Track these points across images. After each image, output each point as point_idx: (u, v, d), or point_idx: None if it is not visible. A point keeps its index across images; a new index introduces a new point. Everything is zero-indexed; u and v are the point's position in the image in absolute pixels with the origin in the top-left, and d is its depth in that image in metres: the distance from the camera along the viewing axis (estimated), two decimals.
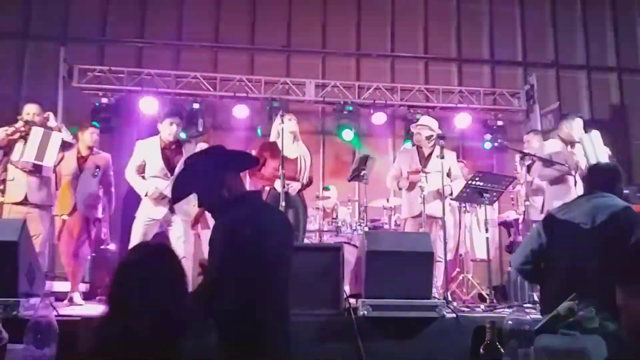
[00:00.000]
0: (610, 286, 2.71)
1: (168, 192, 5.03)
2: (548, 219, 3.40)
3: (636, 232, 2.99)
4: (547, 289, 3.28)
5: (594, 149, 5.17)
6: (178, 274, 1.95)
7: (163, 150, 5.11)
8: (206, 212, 6.08)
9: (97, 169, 5.62)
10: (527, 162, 5.67)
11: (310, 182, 5.56)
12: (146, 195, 4.98)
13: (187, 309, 1.97)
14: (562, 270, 3.13)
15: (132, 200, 5.39)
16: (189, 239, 5.20)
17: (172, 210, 5.06)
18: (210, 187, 2.62)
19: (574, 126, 5.45)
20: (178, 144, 5.19)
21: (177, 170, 5.00)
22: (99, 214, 5.75)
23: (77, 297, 5.38)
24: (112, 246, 6.59)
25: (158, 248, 2.02)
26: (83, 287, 6.56)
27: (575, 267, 3.06)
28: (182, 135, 6.05)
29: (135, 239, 4.94)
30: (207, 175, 2.63)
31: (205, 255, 6.17)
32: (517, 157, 5.83)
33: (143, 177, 5.12)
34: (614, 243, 2.99)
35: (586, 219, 3.12)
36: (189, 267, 5.11)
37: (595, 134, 5.27)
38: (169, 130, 5.09)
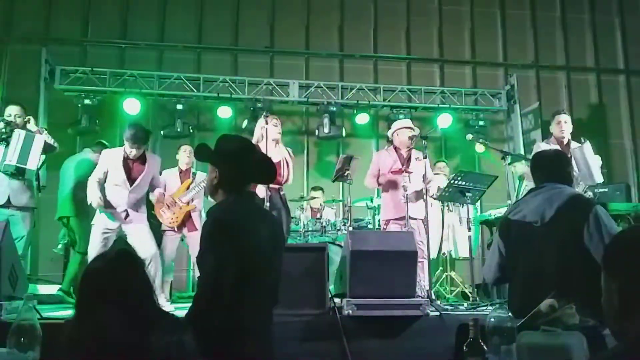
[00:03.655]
0: (570, 283, 2.74)
1: (125, 204, 5.11)
2: (503, 222, 3.28)
3: (590, 223, 2.85)
4: (511, 290, 3.21)
5: (587, 163, 5.18)
6: (140, 279, 2.02)
7: (125, 160, 5.18)
8: (192, 216, 6.11)
9: None
10: None
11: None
12: (90, 204, 5.07)
13: (153, 307, 2.03)
14: (521, 272, 3.05)
15: None
16: (150, 240, 5.23)
17: (128, 220, 5.12)
18: (233, 171, 2.63)
19: (553, 123, 5.53)
20: (142, 156, 5.27)
21: (138, 181, 5.15)
22: None
23: None
24: None
25: (119, 254, 2.08)
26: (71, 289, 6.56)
27: (533, 267, 2.97)
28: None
29: (93, 248, 4.98)
30: (239, 160, 2.65)
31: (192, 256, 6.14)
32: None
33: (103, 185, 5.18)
34: (567, 238, 2.88)
35: (535, 216, 3.00)
36: (157, 268, 5.18)
37: (587, 147, 5.28)
38: (128, 148, 5.17)
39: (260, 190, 5.00)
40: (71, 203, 6.06)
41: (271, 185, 5.13)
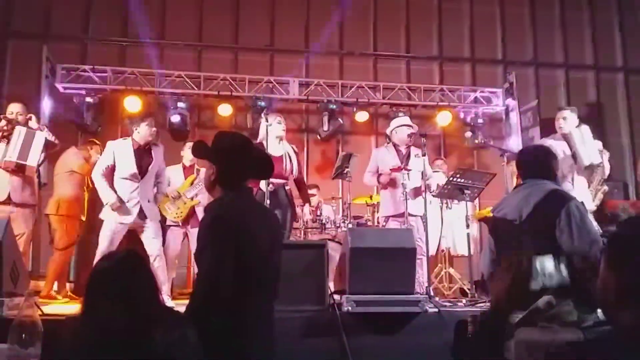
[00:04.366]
0: None
1: (137, 196, 5.11)
2: (490, 220, 3.34)
3: (561, 218, 2.85)
4: None
5: (584, 143, 5.18)
6: (147, 277, 2.07)
7: (136, 151, 5.18)
8: (197, 211, 6.14)
9: None
10: None
11: (302, 180, 5.55)
12: (107, 204, 5.04)
13: (157, 305, 2.07)
14: None
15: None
16: (159, 238, 5.31)
17: (142, 215, 5.12)
18: (230, 167, 2.64)
19: (559, 118, 5.49)
20: (149, 147, 5.28)
21: (148, 172, 5.17)
22: None
23: None
24: None
25: (128, 254, 2.12)
26: (67, 286, 6.57)
27: None
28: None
29: (103, 242, 4.99)
30: (236, 156, 2.66)
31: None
32: None
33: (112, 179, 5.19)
34: (542, 235, 2.88)
35: (515, 214, 3.01)
36: (163, 265, 5.23)
37: (585, 129, 5.29)
38: (149, 131, 5.20)
39: (263, 186, 5.02)
40: (51, 201, 6.06)
41: (275, 181, 5.14)
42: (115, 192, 5.08)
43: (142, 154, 5.23)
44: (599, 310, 2.29)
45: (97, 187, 5.17)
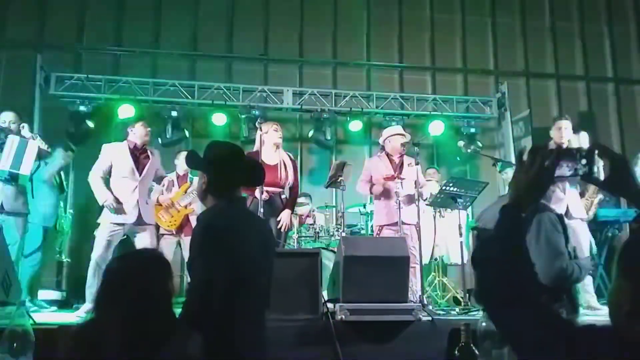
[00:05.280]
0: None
1: (136, 196, 5.11)
2: (474, 230, 3.39)
3: (532, 227, 2.92)
4: None
5: None
6: (168, 285, 2.01)
7: (133, 151, 5.26)
8: (190, 219, 6.14)
9: None
10: None
11: (294, 190, 5.53)
12: (103, 203, 5.06)
13: (169, 320, 2.02)
14: None
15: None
16: (155, 243, 5.41)
17: (139, 219, 5.12)
18: (220, 176, 2.66)
19: (554, 128, 5.54)
20: (145, 148, 5.36)
21: (145, 170, 5.23)
22: None
23: None
24: None
25: (151, 256, 2.07)
26: (58, 295, 6.54)
27: None
28: None
29: (99, 246, 4.96)
30: (226, 165, 2.69)
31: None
32: None
33: (108, 180, 5.20)
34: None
35: (491, 223, 2.97)
36: None
37: (584, 136, 5.31)
38: (144, 131, 5.29)
39: (258, 194, 5.02)
40: None
41: (270, 189, 5.15)
42: (112, 192, 5.09)
43: (139, 153, 5.30)
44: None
45: (92, 188, 5.15)
